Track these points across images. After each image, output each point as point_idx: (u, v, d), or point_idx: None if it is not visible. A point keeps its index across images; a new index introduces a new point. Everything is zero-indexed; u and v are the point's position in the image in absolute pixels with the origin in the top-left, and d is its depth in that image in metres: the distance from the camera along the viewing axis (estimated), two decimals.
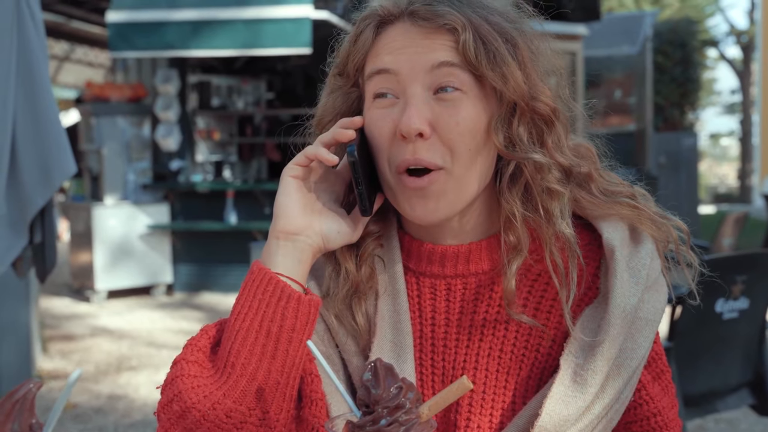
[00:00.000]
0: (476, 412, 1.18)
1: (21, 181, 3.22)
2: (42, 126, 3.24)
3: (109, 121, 9.25)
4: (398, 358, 1.19)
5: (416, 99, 1.11)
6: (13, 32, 3.16)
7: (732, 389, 3.29)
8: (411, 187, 1.13)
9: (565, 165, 1.17)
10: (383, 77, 1.14)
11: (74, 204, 9.74)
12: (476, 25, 1.11)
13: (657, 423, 1.19)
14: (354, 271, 1.21)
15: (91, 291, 9.00)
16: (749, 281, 3.13)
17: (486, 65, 1.10)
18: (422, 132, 1.10)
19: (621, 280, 1.13)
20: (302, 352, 1.10)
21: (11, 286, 5.18)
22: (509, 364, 1.18)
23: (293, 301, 1.08)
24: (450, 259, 1.21)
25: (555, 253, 1.15)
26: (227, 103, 10.31)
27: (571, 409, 1.10)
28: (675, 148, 12.35)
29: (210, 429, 1.05)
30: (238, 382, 1.06)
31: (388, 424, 0.96)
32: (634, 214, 1.19)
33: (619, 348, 1.12)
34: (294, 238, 1.14)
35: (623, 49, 13.10)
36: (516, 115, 1.14)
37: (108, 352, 6.69)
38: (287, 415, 1.10)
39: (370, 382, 0.99)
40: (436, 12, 1.11)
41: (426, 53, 1.11)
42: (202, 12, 8.41)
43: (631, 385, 1.15)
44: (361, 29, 1.17)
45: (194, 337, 1.13)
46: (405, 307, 1.21)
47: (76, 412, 5.17)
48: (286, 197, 1.15)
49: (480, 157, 1.14)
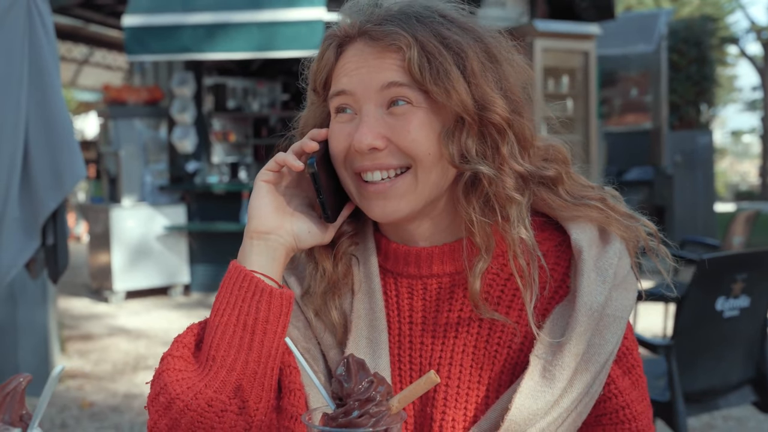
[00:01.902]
0: (451, 406, 1.24)
1: (33, 184, 3.30)
2: (53, 131, 3.32)
3: (126, 124, 9.35)
4: (373, 353, 1.25)
5: (369, 117, 1.18)
6: (24, 39, 3.24)
7: (734, 387, 3.31)
8: (371, 191, 1.20)
9: (521, 172, 1.21)
10: (342, 97, 1.21)
11: (93, 206, 9.86)
12: (422, 43, 1.16)
13: (626, 415, 1.23)
14: (330, 270, 1.29)
15: (109, 292, 9.11)
16: (750, 279, 3.14)
17: (430, 80, 1.15)
18: (375, 146, 1.17)
19: (588, 279, 1.18)
20: (278, 344, 1.16)
21: (29, 287, 5.27)
22: (483, 360, 1.24)
23: (266, 295, 1.15)
24: (425, 260, 1.27)
25: (519, 256, 1.20)
26: (243, 105, 10.39)
27: (540, 403, 1.15)
28: (690, 146, 12.30)
29: (193, 418, 1.11)
30: (218, 373, 1.13)
31: (359, 415, 1.01)
32: (602, 216, 1.23)
33: (586, 344, 1.17)
34: (266, 237, 1.21)
35: (639, 47, 13.08)
36: (464, 127, 1.18)
37: (125, 352, 6.79)
38: (267, 405, 1.16)
39: (343, 376, 1.04)
40: (385, 32, 1.18)
41: (376, 73, 1.18)
42: (216, 15, 8.49)
43: (600, 380, 1.20)
44: (323, 49, 1.25)
45: (180, 334, 1.20)
46: (381, 305, 1.28)
47: (93, 410, 5.26)
48: (258, 200, 1.22)
49: (440, 163, 1.19)
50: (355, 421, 1.00)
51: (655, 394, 3.18)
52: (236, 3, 8.50)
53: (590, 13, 10.87)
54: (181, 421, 1.11)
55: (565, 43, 9.84)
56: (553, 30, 9.71)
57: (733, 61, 30.65)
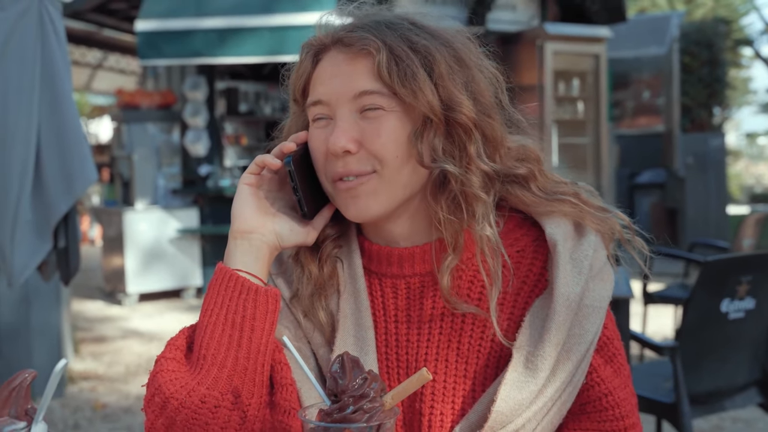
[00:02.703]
0: (439, 400, 1.28)
1: (45, 188, 3.36)
2: (65, 136, 3.37)
3: (139, 128, 9.42)
4: (360, 351, 1.30)
5: (342, 121, 1.23)
6: (37, 45, 3.30)
7: (740, 388, 3.32)
8: (342, 189, 1.25)
9: (487, 171, 1.25)
10: (318, 107, 1.26)
11: (106, 209, 9.93)
12: (391, 47, 1.22)
13: (609, 402, 1.27)
14: (316, 272, 1.34)
15: (122, 294, 9.17)
16: (755, 281, 3.15)
17: (398, 82, 1.20)
18: (348, 149, 1.22)
19: (564, 271, 1.23)
20: (266, 340, 1.20)
21: (42, 289, 5.33)
22: (467, 354, 1.28)
23: (252, 293, 1.20)
24: (406, 260, 1.32)
25: (486, 253, 1.24)
26: (255, 109, 10.45)
27: (525, 393, 1.19)
28: (703, 148, 12.28)
29: (188, 415, 1.15)
30: (210, 371, 1.17)
31: (353, 411, 1.05)
32: (575, 210, 1.28)
33: (566, 334, 1.21)
34: (249, 237, 1.26)
35: (651, 49, 13.06)
36: (432, 127, 1.23)
37: (138, 354, 6.85)
38: (259, 400, 1.20)
39: (338, 373, 1.08)
40: (356, 37, 1.23)
41: (349, 82, 1.23)
42: (228, 20, 8.55)
43: (582, 369, 1.24)
44: (301, 59, 1.31)
45: (173, 337, 1.25)
46: (366, 305, 1.33)
47: (106, 412, 5.31)
48: (240, 201, 1.28)
49: (409, 164, 1.24)
50: (350, 416, 1.04)
51: (660, 395, 3.20)
52: (248, 8, 8.56)
53: (601, 16, 10.88)
54: (177, 420, 1.15)
55: (576, 46, 9.86)
56: (564, 33, 9.74)
57: (747, 63, 30.49)
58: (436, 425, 1.28)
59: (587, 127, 10.20)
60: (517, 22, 10.23)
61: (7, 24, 3.27)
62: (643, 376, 3.50)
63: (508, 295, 1.28)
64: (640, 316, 5.99)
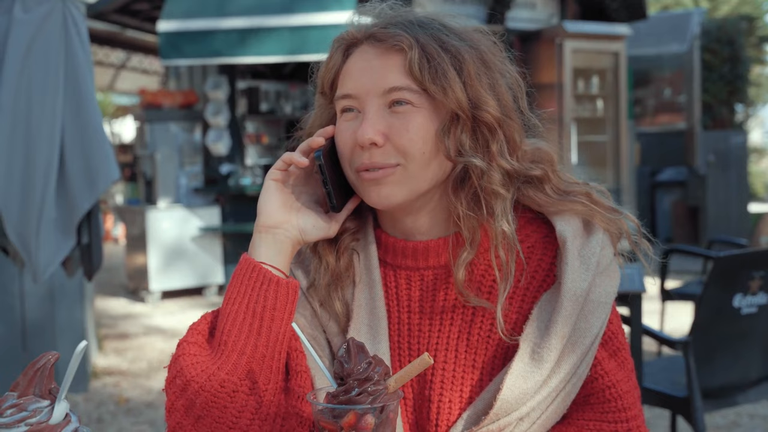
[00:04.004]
0: (447, 388, 1.34)
1: (69, 186, 3.44)
2: (87, 135, 3.46)
3: (161, 127, 9.49)
4: (374, 339, 1.36)
5: (371, 114, 1.28)
6: (60, 47, 3.38)
7: (753, 383, 3.34)
8: (367, 178, 1.29)
9: (508, 169, 1.30)
10: (348, 100, 1.31)
11: (129, 207, 10.03)
12: (423, 44, 1.27)
13: (612, 394, 1.32)
14: (333, 263, 1.39)
15: (145, 292, 9.26)
16: (767, 277, 3.18)
17: (429, 79, 1.25)
18: (375, 141, 1.26)
19: (572, 267, 1.28)
20: (285, 329, 1.26)
21: (67, 287, 5.43)
22: (476, 345, 1.33)
23: (273, 285, 1.25)
24: (421, 253, 1.37)
25: (500, 249, 1.30)
26: (275, 108, 10.51)
27: (530, 383, 1.25)
28: (724, 146, 12.22)
29: (207, 398, 1.21)
30: (230, 357, 1.22)
31: (358, 393, 1.10)
32: (586, 209, 1.33)
33: (572, 327, 1.26)
34: (274, 231, 1.31)
35: (672, 47, 13.02)
36: (459, 123, 1.28)
37: (161, 350, 6.94)
38: (275, 386, 1.25)
39: (344, 357, 1.14)
40: (389, 33, 1.28)
41: (380, 77, 1.28)
42: (249, 20, 8.60)
43: (586, 361, 1.29)
44: (332, 52, 1.35)
45: (195, 322, 1.30)
46: (380, 295, 1.38)
47: (129, 406, 5.40)
48: (266, 196, 1.32)
49: (435, 159, 1.29)
50: (355, 398, 1.09)
51: (675, 390, 3.23)
52: (268, 8, 8.61)
53: (621, 14, 10.85)
54: (197, 402, 1.21)
55: (595, 44, 9.85)
56: (583, 31, 9.73)
57: None
58: (445, 412, 1.33)
59: (607, 125, 10.18)
60: (536, 21, 10.24)
61: (31, 26, 3.36)
62: (658, 371, 3.53)
63: (518, 290, 1.34)
64: (659, 313, 6.00)
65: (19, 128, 3.36)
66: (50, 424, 1.00)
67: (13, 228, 3.37)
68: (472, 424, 1.29)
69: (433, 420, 1.34)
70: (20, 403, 1.01)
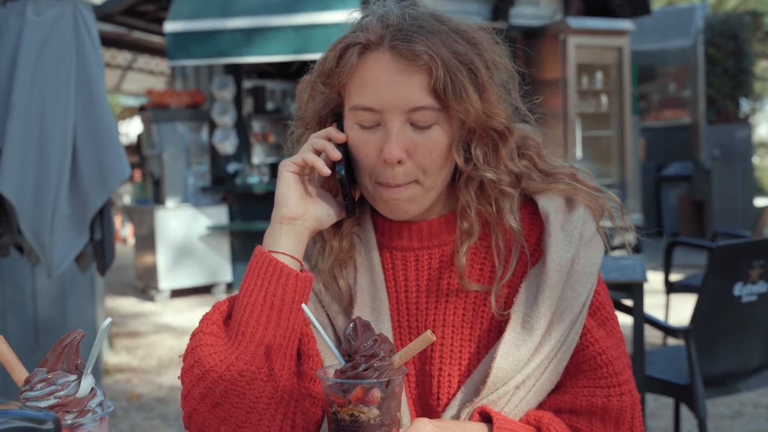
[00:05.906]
0: (446, 362, 1.41)
1: (81, 183, 3.51)
2: (99, 133, 3.52)
3: (168, 127, 9.54)
4: (376, 319, 1.43)
5: (396, 131, 1.32)
6: (72, 48, 3.45)
7: (754, 370, 3.39)
8: (384, 193, 1.36)
9: (516, 172, 1.39)
10: (368, 113, 1.33)
11: (138, 207, 10.09)
12: (445, 60, 1.29)
13: (602, 360, 1.38)
14: (337, 246, 1.46)
15: (155, 291, 9.32)
16: (767, 266, 3.24)
17: (453, 99, 1.30)
18: (401, 160, 1.32)
19: (556, 239, 1.36)
20: (300, 319, 1.32)
21: (78, 285, 5.50)
22: (472, 320, 1.41)
23: (292, 279, 1.30)
24: (416, 233, 1.45)
25: (500, 239, 1.39)
26: (281, 107, 10.56)
27: (522, 351, 1.33)
28: (729, 140, 12.25)
29: (226, 387, 1.26)
30: (248, 347, 1.28)
31: (365, 369, 1.17)
32: (569, 187, 1.41)
33: (559, 296, 1.34)
34: (294, 223, 1.36)
35: (677, 42, 13.04)
36: (475, 137, 1.36)
37: (170, 348, 7.01)
38: (289, 371, 1.32)
39: (351, 335, 1.21)
40: (414, 51, 1.29)
41: (405, 95, 1.30)
42: (254, 20, 8.65)
43: (575, 329, 1.36)
44: (345, 53, 1.35)
45: (208, 312, 1.35)
46: (381, 278, 1.45)
47: (140, 402, 5.47)
48: (286, 188, 1.36)
49: (446, 168, 1.37)
50: (362, 374, 1.16)
51: (677, 378, 3.28)
52: (273, 7, 8.66)
53: (625, 9, 10.90)
54: (216, 390, 1.27)
55: (599, 40, 9.89)
56: (587, 27, 9.76)
57: None
58: (445, 384, 1.40)
59: (611, 120, 10.22)
60: (539, 17, 10.28)
61: (44, 28, 3.43)
62: (661, 360, 3.57)
63: (511, 274, 1.41)
64: (664, 306, 6.05)
65: (32, 128, 3.43)
66: (77, 397, 1.08)
67: (28, 225, 3.44)
68: (472, 396, 1.37)
69: (435, 393, 1.41)
70: (49, 378, 1.08)
